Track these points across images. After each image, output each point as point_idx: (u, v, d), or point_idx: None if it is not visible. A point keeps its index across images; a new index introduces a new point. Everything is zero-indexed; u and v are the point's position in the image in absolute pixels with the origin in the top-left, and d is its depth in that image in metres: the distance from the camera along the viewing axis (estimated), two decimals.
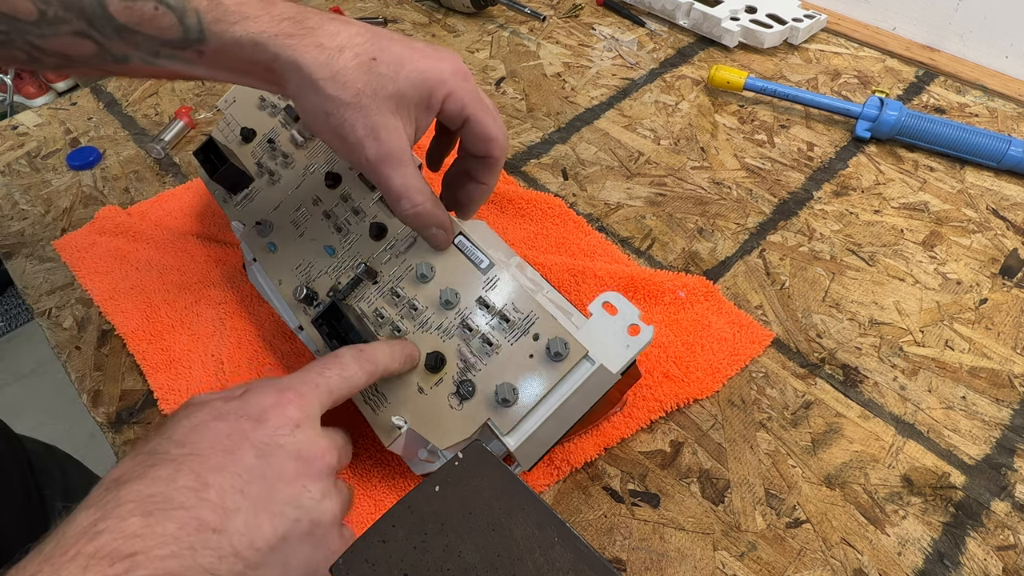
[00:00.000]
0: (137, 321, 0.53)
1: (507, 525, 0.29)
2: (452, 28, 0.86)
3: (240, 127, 0.52)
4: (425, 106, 0.38)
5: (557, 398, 0.36)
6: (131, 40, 0.35)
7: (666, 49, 0.81)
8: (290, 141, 0.50)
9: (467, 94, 0.38)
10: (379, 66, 0.36)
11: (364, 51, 0.36)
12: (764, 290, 0.55)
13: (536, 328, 0.37)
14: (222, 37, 0.35)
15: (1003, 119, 0.70)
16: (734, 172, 0.65)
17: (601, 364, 0.36)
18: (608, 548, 0.42)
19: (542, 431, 0.37)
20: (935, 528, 0.42)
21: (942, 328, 0.52)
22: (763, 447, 0.46)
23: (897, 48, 0.80)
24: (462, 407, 0.37)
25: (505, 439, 0.36)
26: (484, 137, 0.40)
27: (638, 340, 0.38)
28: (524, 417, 0.36)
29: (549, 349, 0.36)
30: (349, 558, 0.29)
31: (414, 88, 0.36)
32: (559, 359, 0.36)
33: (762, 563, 0.41)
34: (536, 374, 0.37)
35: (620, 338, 0.38)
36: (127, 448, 0.48)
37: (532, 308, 0.38)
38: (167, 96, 0.77)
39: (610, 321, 0.38)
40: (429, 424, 0.38)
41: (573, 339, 0.36)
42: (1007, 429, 0.47)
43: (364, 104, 0.36)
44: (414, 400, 0.39)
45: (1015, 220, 0.60)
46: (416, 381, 0.39)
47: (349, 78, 0.35)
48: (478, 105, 0.39)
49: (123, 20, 0.34)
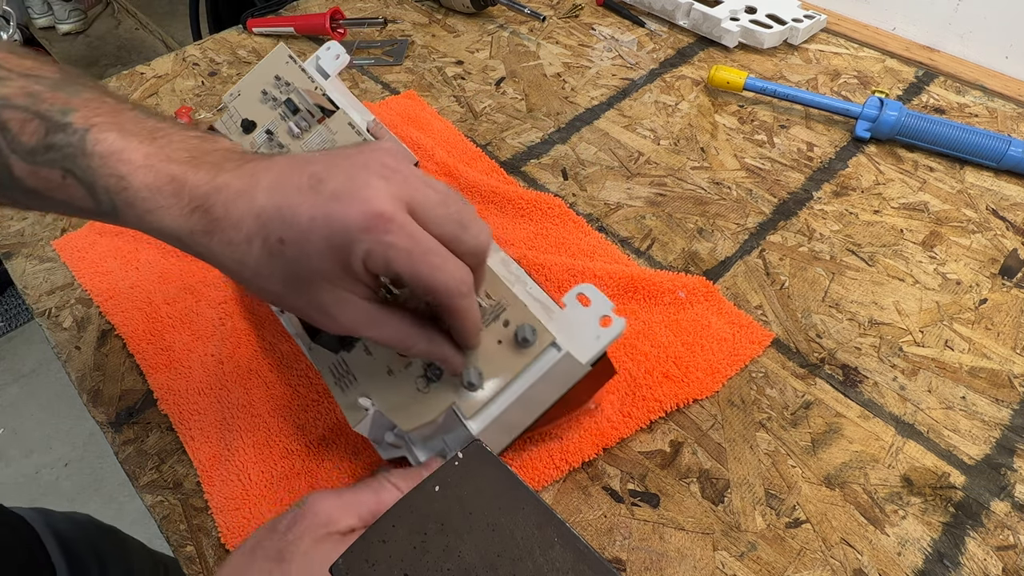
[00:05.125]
0: (137, 321, 0.53)
1: (507, 525, 0.29)
2: (452, 28, 0.86)
3: (241, 119, 0.53)
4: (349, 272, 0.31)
5: (522, 384, 0.36)
6: (41, 199, 0.33)
7: (666, 49, 0.81)
8: (287, 133, 0.51)
9: (387, 249, 0.30)
10: (288, 249, 0.31)
11: (270, 232, 0.31)
12: (764, 290, 0.55)
13: (506, 315, 0.37)
14: (138, 221, 0.32)
15: (1003, 119, 0.70)
16: (734, 172, 0.65)
17: (568, 352, 0.36)
18: (608, 548, 0.42)
19: (506, 417, 0.37)
20: (935, 528, 0.42)
21: (942, 328, 0.52)
22: (763, 447, 0.46)
23: (897, 48, 0.80)
24: (428, 390, 0.37)
25: (468, 423, 0.36)
26: (427, 291, 0.32)
27: (609, 331, 0.37)
28: (488, 402, 0.36)
29: (516, 335, 0.36)
30: (349, 558, 0.29)
31: (326, 259, 0.31)
32: (526, 345, 0.36)
33: (762, 563, 0.41)
34: (502, 360, 0.36)
35: (591, 329, 0.37)
36: (127, 448, 0.48)
37: (504, 295, 0.38)
38: (167, 96, 0.77)
39: (582, 312, 0.38)
40: (395, 406, 0.38)
41: (541, 326, 0.36)
42: (1007, 429, 0.47)
43: (296, 292, 0.33)
44: (383, 381, 0.39)
45: (1015, 220, 0.60)
46: (387, 363, 0.39)
47: (267, 273, 0.32)
48: (409, 258, 0.30)
49: (31, 184, 0.32)
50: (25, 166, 0.32)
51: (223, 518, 0.43)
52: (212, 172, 0.32)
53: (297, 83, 0.51)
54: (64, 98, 0.32)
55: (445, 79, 0.78)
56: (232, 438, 0.46)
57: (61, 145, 0.32)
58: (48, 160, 0.32)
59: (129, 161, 0.32)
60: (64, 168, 0.32)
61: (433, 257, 0.31)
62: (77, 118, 0.32)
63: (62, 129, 0.32)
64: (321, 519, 0.34)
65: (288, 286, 0.32)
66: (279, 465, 0.45)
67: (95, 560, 0.62)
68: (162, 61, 0.82)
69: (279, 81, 0.52)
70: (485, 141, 0.69)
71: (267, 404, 0.48)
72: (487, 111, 0.73)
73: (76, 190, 0.32)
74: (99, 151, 0.32)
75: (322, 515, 0.34)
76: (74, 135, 0.32)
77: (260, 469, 0.45)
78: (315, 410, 0.48)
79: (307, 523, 0.34)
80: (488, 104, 0.74)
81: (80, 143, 0.32)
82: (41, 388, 1.62)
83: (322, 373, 0.42)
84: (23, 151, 0.32)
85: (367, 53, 0.82)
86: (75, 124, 0.32)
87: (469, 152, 0.67)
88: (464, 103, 0.74)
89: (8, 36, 1.11)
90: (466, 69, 0.79)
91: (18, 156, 0.32)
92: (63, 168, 0.32)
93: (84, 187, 0.32)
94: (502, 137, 0.70)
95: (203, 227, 0.32)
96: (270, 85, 0.53)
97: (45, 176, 0.32)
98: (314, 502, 0.35)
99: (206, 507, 0.44)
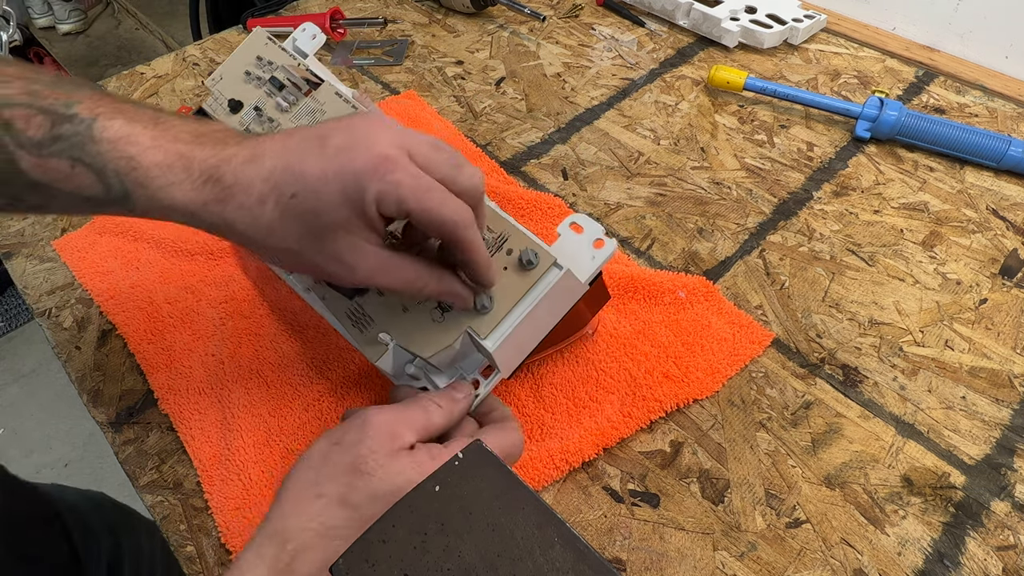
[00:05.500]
0: (138, 321, 0.53)
1: (507, 525, 0.29)
2: (452, 28, 0.86)
3: (227, 99, 0.53)
4: (363, 218, 0.33)
5: (530, 301, 0.39)
6: (47, 193, 0.33)
7: (666, 49, 0.81)
8: (276, 108, 0.51)
9: (397, 187, 0.32)
10: (300, 203, 0.33)
11: (282, 191, 0.33)
12: (764, 290, 0.55)
13: (509, 244, 0.40)
14: (149, 201, 0.33)
15: (1003, 119, 0.70)
16: (734, 172, 0.65)
17: (568, 269, 0.39)
18: (608, 548, 0.42)
19: (518, 334, 0.39)
20: (935, 528, 0.42)
21: (942, 328, 0.52)
22: (763, 447, 0.46)
23: (897, 48, 0.80)
24: (444, 319, 0.40)
25: (484, 342, 0.38)
26: (436, 224, 0.34)
27: (602, 252, 0.41)
28: (501, 321, 0.39)
29: (521, 259, 0.39)
30: (349, 558, 0.29)
31: (341, 208, 0.33)
32: (530, 267, 0.39)
33: (762, 563, 0.41)
34: (510, 283, 0.39)
35: (586, 251, 0.41)
36: (127, 448, 0.48)
37: (505, 227, 0.40)
38: (167, 96, 0.77)
39: (576, 238, 0.41)
40: (413, 337, 0.40)
41: (543, 249, 0.39)
42: (1007, 429, 0.47)
43: (312, 245, 0.34)
44: (400, 317, 0.41)
45: (1015, 220, 0.60)
46: (400, 301, 0.41)
47: (281, 231, 0.34)
48: (416, 194, 0.33)
49: (36, 176, 0.33)
50: (32, 159, 0.32)
51: (223, 518, 0.43)
52: (218, 146, 0.34)
53: (279, 61, 0.53)
54: (65, 93, 0.33)
55: (445, 79, 0.78)
56: (232, 438, 0.46)
57: (69, 135, 0.32)
58: (56, 151, 0.32)
59: (137, 143, 0.33)
60: (72, 157, 0.32)
61: (437, 193, 0.33)
62: (82, 109, 0.33)
63: (68, 120, 0.32)
64: (389, 433, 0.35)
65: (304, 241, 0.34)
66: (279, 465, 0.45)
67: (108, 535, 0.63)
68: (162, 61, 0.82)
69: (261, 61, 0.53)
70: (485, 141, 0.69)
71: (267, 404, 0.48)
72: (487, 111, 0.73)
73: (85, 178, 0.33)
74: (107, 136, 0.33)
75: (387, 429, 0.35)
76: (81, 124, 0.32)
77: (260, 469, 0.45)
78: (315, 410, 0.48)
79: (376, 437, 0.35)
80: (488, 104, 0.74)
81: (87, 131, 0.32)
82: (41, 388, 1.62)
83: (338, 319, 0.43)
84: (30, 144, 0.32)
85: (367, 53, 0.82)
86: (81, 114, 0.33)
87: (469, 152, 0.67)
88: (464, 103, 0.74)
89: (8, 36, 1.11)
90: (466, 69, 0.79)
91: (25, 150, 0.32)
92: (71, 157, 0.32)
93: (94, 173, 0.33)
94: (502, 137, 0.70)
95: (216, 196, 0.33)
96: (252, 66, 0.53)
97: (54, 167, 0.32)
98: (373, 417, 0.36)
99: (206, 507, 0.44)
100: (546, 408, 0.48)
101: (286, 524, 0.33)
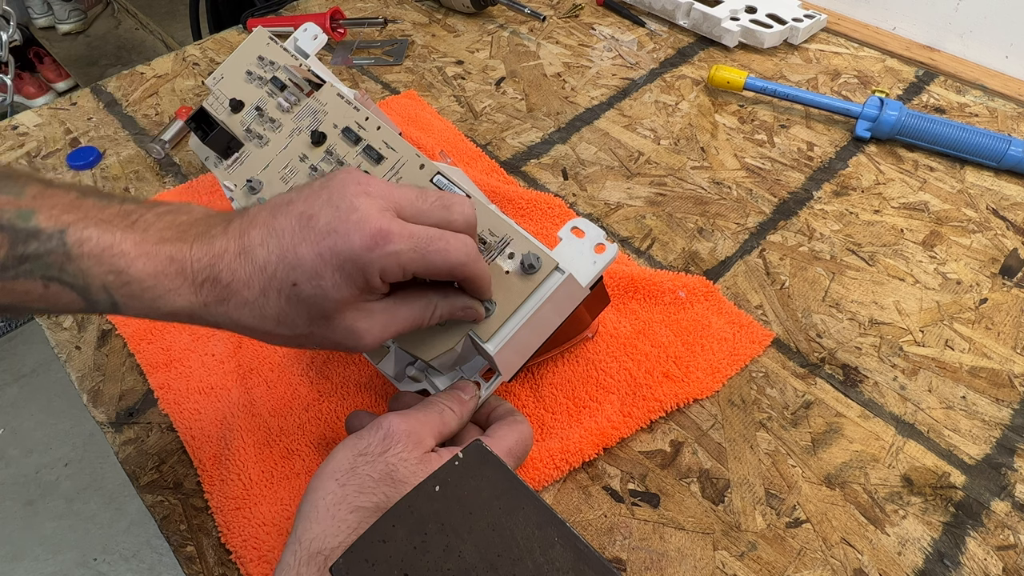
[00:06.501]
0: (137, 321, 0.53)
1: (507, 525, 0.29)
2: (452, 28, 0.86)
3: (229, 99, 0.53)
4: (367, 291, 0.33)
5: (531, 306, 0.39)
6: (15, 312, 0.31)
7: (666, 49, 0.81)
8: (277, 108, 0.51)
9: (397, 257, 0.32)
10: (302, 291, 0.32)
11: (282, 281, 0.32)
12: (764, 290, 0.55)
13: (511, 248, 0.40)
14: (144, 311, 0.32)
15: (1003, 119, 0.70)
16: (734, 172, 0.65)
17: (570, 274, 0.39)
18: (608, 548, 0.42)
19: (519, 338, 0.39)
20: (935, 528, 0.42)
21: (942, 328, 0.52)
22: (763, 447, 0.46)
23: (897, 48, 0.80)
24: (446, 322, 0.40)
25: (485, 345, 0.38)
26: (445, 272, 0.34)
27: (604, 256, 0.41)
28: (502, 324, 0.39)
29: (523, 263, 0.39)
30: (349, 558, 0.29)
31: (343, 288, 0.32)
32: (532, 271, 0.39)
33: (762, 563, 0.41)
34: (512, 287, 0.39)
35: (588, 255, 0.41)
36: (127, 448, 0.48)
37: (507, 231, 0.40)
38: (167, 96, 0.77)
39: (578, 243, 0.41)
40: (415, 341, 0.40)
41: (545, 253, 0.39)
42: (1007, 429, 0.47)
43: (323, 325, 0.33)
44: None
45: (1015, 220, 0.60)
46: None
47: (290, 319, 0.33)
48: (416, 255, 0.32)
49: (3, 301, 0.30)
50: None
51: (223, 518, 0.43)
52: (206, 243, 0.32)
53: (281, 61, 0.53)
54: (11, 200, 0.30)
55: (445, 79, 0.78)
56: (232, 438, 0.46)
57: (39, 254, 0.29)
58: (24, 272, 0.30)
59: (122, 253, 0.31)
60: (46, 277, 0.30)
61: (437, 243, 0.33)
62: (42, 220, 0.30)
63: (33, 237, 0.29)
64: (414, 439, 0.35)
65: (315, 323, 0.33)
66: (279, 465, 0.45)
67: None
68: (162, 61, 0.82)
69: (262, 61, 0.53)
70: (485, 141, 0.69)
71: (267, 404, 0.48)
72: (487, 111, 0.73)
73: (63, 295, 0.30)
74: (87, 251, 0.30)
75: (413, 435, 0.35)
76: (50, 241, 0.30)
77: (260, 469, 0.45)
78: (315, 410, 0.48)
79: (403, 444, 0.35)
80: (488, 104, 0.74)
81: (61, 248, 0.30)
82: (41, 388, 1.62)
83: None
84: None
85: (367, 53, 0.82)
86: (44, 228, 0.30)
87: (469, 152, 0.67)
88: (464, 103, 0.74)
89: (8, 36, 1.11)
90: (466, 69, 0.79)
91: None
92: (44, 277, 0.30)
93: (75, 291, 0.30)
94: (502, 137, 0.70)
95: (216, 296, 0.32)
96: (253, 65, 0.54)
97: (22, 288, 0.30)
98: (395, 426, 0.35)
99: (206, 507, 0.44)
100: (546, 408, 0.48)
101: (325, 544, 0.32)
